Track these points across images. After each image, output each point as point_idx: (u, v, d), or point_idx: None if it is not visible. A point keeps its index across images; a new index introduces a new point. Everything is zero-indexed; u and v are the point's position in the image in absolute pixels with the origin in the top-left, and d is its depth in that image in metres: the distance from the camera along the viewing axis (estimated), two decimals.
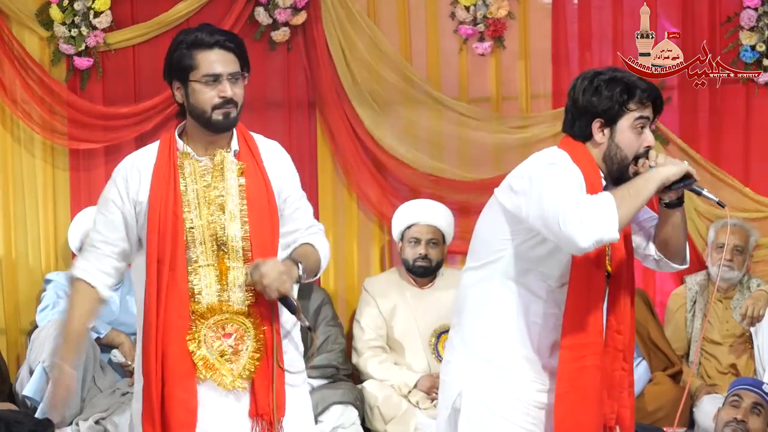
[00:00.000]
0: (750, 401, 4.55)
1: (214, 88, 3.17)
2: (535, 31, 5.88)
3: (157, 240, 3.17)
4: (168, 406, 3.16)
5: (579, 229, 2.96)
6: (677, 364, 5.46)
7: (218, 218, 3.21)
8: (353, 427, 5.23)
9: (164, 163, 3.20)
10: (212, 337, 3.19)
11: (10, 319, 5.67)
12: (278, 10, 5.69)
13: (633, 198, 3.05)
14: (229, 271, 3.21)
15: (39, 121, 5.65)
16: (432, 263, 5.51)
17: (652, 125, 3.23)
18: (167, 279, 3.16)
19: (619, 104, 3.18)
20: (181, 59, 3.20)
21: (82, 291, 3.30)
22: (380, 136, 5.83)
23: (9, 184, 5.66)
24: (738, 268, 5.47)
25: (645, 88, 3.20)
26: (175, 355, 3.16)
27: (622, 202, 3.01)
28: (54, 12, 5.59)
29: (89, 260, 3.31)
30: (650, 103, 3.20)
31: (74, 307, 3.32)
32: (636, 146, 3.19)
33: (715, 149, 5.83)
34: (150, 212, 3.18)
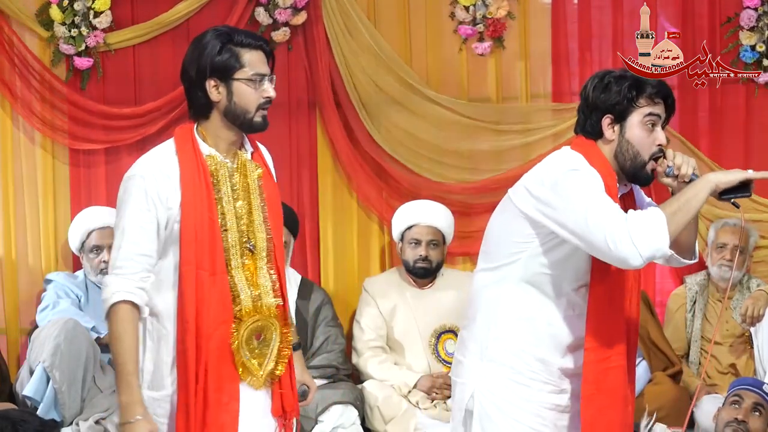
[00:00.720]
0: (751, 401, 4.54)
1: (257, 89, 3.14)
2: (535, 31, 5.88)
3: (194, 245, 3.08)
4: (210, 413, 3.09)
5: (631, 249, 2.97)
6: (677, 364, 5.46)
7: (247, 220, 3.19)
8: (353, 427, 5.23)
9: (192, 166, 3.12)
10: (248, 340, 3.17)
11: (10, 319, 5.66)
12: (278, 11, 5.69)
13: (683, 212, 3.06)
14: (259, 273, 3.19)
15: (39, 117, 5.64)
16: (432, 264, 5.51)
17: (664, 124, 3.23)
18: (208, 284, 3.10)
19: (627, 99, 3.18)
20: (227, 57, 3.12)
21: (127, 320, 3.07)
22: (380, 136, 5.83)
23: (9, 184, 5.66)
24: (738, 268, 5.48)
25: (655, 85, 3.20)
26: (219, 360, 3.11)
27: (673, 217, 3.02)
28: (54, 12, 5.59)
29: (126, 278, 3.08)
30: (661, 100, 3.20)
31: (126, 345, 3.07)
32: (648, 143, 3.19)
33: (715, 149, 5.84)
34: (184, 217, 3.08)
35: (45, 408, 5.00)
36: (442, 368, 5.42)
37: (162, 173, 3.11)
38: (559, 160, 3.24)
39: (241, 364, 3.15)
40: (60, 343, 4.98)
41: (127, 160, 5.75)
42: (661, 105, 3.21)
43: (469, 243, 5.89)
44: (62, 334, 5.00)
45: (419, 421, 5.25)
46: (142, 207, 3.08)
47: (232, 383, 3.13)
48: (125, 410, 3.05)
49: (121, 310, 3.06)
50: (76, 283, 5.44)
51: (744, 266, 5.50)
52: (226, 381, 3.12)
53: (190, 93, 3.18)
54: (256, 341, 3.18)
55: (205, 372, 3.09)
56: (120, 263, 3.09)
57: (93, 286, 5.43)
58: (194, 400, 3.09)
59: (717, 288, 5.53)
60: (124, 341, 3.07)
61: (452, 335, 5.50)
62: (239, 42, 3.14)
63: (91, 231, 5.43)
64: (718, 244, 5.49)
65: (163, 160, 3.14)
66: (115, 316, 3.07)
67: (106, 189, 5.73)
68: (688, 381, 5.43)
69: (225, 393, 3.11)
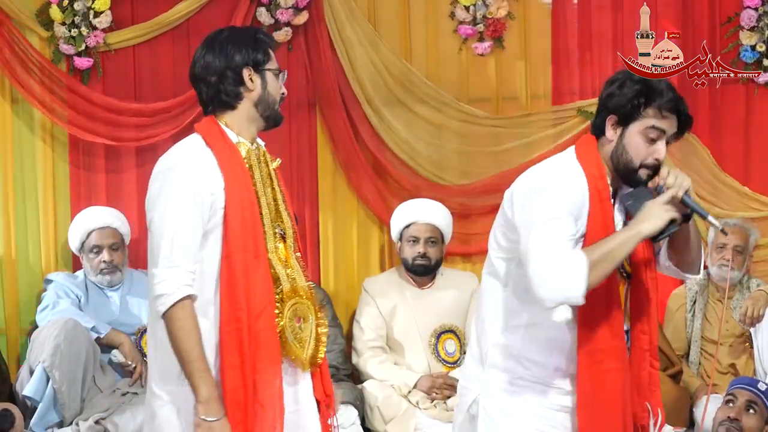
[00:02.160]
0: (744, 399, 4.54)
1: (279, 83, 3.26)
2: (534, 31, 5.88)
3: (241, 228, 3.10)
4: (259, 392, 3.10)
5: (545, 291, 3.00)
6: (677, 364, 5.46)
7: (274, 207, 3.24)
8: (353, 427, 5.23)
9: (228, 152, 3.14)
10: (291, 322, 3.20)
11: (10, 319, 5.66)
12: (280, 10, 5.69)
13: (608, 261, 3.03)
14: (290, 257, 3.24)
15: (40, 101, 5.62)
16: (431, 262, 5.52)
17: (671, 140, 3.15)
18: (252, 266, 3.11)
19: (633, 105, 3.13)
20: (261, 48, 3.22)
21: (193, 314, 3.05)
22: (382, 135, 5.83)
23: (9, 183, 5.66)
24: (738, 268, 5.48)
25: (667, 98, 3.11)
26: (267, 340, 3.12)
27: (596, 265, 3.00)
28: (54, 12, 5.59)
29: (183, 271, 3.05)
30: (670, 115, 3.12)
31: (197, 339, 3.04)
32: (643, 154, 3.13)
33: (715, 149, 5.83)
34: (229, 202, 3.09)
35: (45, 408, 5.00)
36: (442, 368, 5.42)
37: (199, 162, 3.12)
38: (545, 170, 3.22)
39: (287, 345, 3.18)
40: (60, 343, 4.98)
41: (127, 161, 5.77)
42: (670, 120, 3.12)
43: (468, 244, 5.89)
44: (62, 334, 5.00)
45: (419, 421, 5.25)
46: (186, 197, 3.06)
47: (276, 364, 3.14)
48: (208, 406, 3.03)
49: (187, 305, 3.04)
50: (76, 283, 5.44)
51: (744, 266, 5.50)
52: (272, 361, 3.13)
53: (218, 84, 3.19)
54: (297, 324, 3.22)
55: (255, 352, 3.09)
56: (173, 256, 3.04)
57: (93, 286, 5.43)
58: (243, 382, 3.08)
59: (717, 288, 5.53)
60: (194, 335, 3.04)
61: (452, 335, 5.50)
62: (264, 37, 3.26)
63: (91, 231, 5.43)
64: (718, 244, 5.48)
65: (196, 150, 3.15)
66: (182, 311, 3.04)
67: (106, 189, 5.74)
68: (688, 381, 5.43)
69: (270, 373, 3.12)
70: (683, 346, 5.58)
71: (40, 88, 5.60)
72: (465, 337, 5.53)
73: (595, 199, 3.14)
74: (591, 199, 3.14)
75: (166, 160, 3.15)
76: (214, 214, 3.10)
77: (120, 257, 5.44)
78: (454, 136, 5.87)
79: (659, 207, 3.06)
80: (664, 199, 3.07)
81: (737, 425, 4.50)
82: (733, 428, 4.50)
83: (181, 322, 3.04)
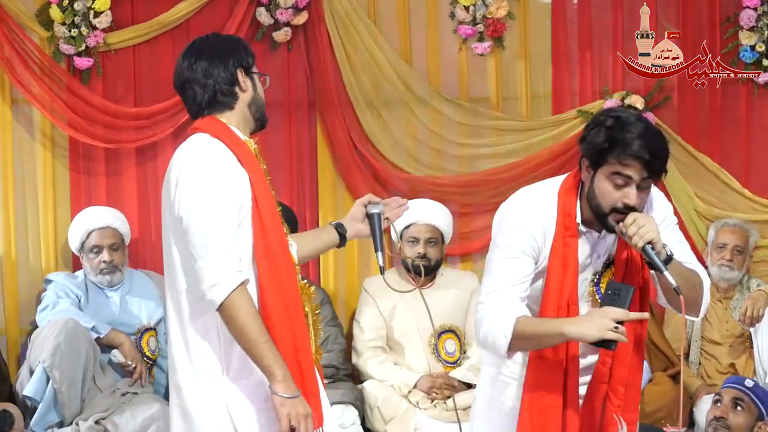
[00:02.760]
0: (729, 397, 4.54)
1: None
2: (535, 31, 5.88)
3: (272, 220, 3.13)
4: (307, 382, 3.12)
5: (478, 332, 3.15)
6: (677, 364, 5.46)
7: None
8: (353, 427, 5.23)
9: (244, 151, 3.16)
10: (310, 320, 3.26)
11: (10, 319, 5.66)
12: (279, 11, 5.69)
13: (530, 342, 3.12)
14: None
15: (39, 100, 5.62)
16: (431, 262, 5.51)
17: (644, 185, 3.07)
18: (286, 257, 3.16)
19: (597, 152, 3.08)
20: (249, 51, 3.28)
21: (252, 300, 3.06)
22: (380, 136, 5.83)
23: (9, 184, 5.66)
24: (738, 268, 5.48)
25: (629, 149, 3.02)
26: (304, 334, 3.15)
27: (521, 340, 3.08)
28: (54, 12, 5.59)
29: (234, 259, 3.05)
30: (635, 162, 3.04)
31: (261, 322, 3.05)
32: (611, 200, 3.07)
33: (715, 149, 5.83)
34: (258, 196, 3.12)
35: (45, 408, 5.00)
36: (442, 368, 5.42)
37: (226, 157, 3.12)
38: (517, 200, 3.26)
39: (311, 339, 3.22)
40: (60, 343, 4.98)
41: (127, 161, 5.77)
42: (635, 168, 3.04)
43: (467, 243, 5.89)
44: (62, 334, 5.00)
45: (419, 421, 5.25)
46: (223, 191, 3.07)
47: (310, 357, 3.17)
48: (286, 384, 3.02)
49: (245, 290, 3.03)
50: (76, 283, 5.44)
51: (744, 266, 5.51)
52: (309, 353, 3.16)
53: (215, 86, 3.20)
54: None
55: (304, 341, 3.12)
56: (224, 245, 3.03)
57: (93, 286, 5.42)
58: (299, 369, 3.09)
59: (717, 288, 5.53)
60: (258, 318, 3.03)
61: (452, 335, 5.50)
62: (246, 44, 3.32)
63: (91, 231, 5.43)
64: (718, 244, 5.49)
65: (217, 147, 3.14)
66: (242, 296, 3.02)
67: (106, 189, 5.73)
68: (688, 381, 5.42)
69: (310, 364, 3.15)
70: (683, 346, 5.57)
71: (40, 87, 5.59)
72: (465, 337, 5.53)
73: (559, 236, 3.16)
74: (556, 236, 3.16)
75: (194, 158, 3.12)
76: (244, 207, 3.11)
77: (120, 257, 5.44)
78: (454, 136, 5.87)
79: (601, 320, 2.99)
80: (615, 313, 2.99)
81: (724, 423, 4.51)
82: (720, 427, 4.51)
83: (243, 307, 3.02)
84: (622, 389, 3.21)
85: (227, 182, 3.07)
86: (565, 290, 3.17)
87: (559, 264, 3.16)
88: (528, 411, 3.19)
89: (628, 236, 3.03)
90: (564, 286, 3.17)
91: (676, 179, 5.71)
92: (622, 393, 3.22)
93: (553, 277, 3.17)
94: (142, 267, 5.67)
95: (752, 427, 4.52)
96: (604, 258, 3.23)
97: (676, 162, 5.70)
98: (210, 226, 3.04)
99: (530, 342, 3.11)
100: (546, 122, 5.85)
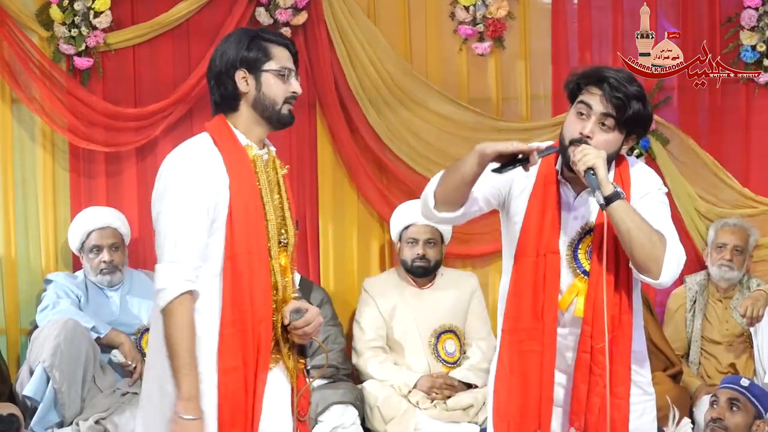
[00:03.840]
0: (725, 398, 4.55)
1: (285, 82, 3.18)
2: (535, 31, 5.88)
3: (245, 229, 3.10)
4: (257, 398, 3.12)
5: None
6: (677, 364, 5.46)
7: (280, 214, 3.23)
8: (353, 427, 5.23)
9: (235, 153, 3.14)
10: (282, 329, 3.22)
11: (10, 319, 5.66)
12: (279, 11, 5.69)
13: (449, 173, 3.19)
14: (288, 267, 3.24)
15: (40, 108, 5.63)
16: (430, 263, 5.51)
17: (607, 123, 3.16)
18: (257, 269, 3.12)
19: (574, 82, 3.24)
20: (256, 49, 3.17)
21: (189, 310, 3.03)
22: (380, 136, 5.83)
23: (9, 184, 5.66)
24: (738, 268, 5.48)
25: (593, 74, 3.19)
26: (267, 347, 3.13)
27: (444, 178, 3.20)
28: (54, 12, 5.59)
29: (184, 266, 3.04)
30: (600, 92, 3.16)
31: (190, 335, 3.03)
32: (571, 130, 3.19)
33: (715, 149, 5.83)
34: (234, 202, 3.09)
35: (45, 408, 5.00)
36: (442, 368, 5.42)
37: (206, 160, 3.11)
38: None
39: (279, 352, 3.19)
40: (60, 343, 4.98)
41: (127, 161, 5.77)
42: (597, 97, 3.17)
43: (468, 245, 5.89)
44: (62, 334, 5.00)
45: (419, 421, 5.24)
46: (191, 194, 3.06)
47: (266, 370, 3.15)
48: (188, 404, 3.01)
49: (186, 300, 3.02)
50: (76, 283, 5.44)
51: (744, 266, 5.51)
52: (265, 368, 3.14)
53: (217, 85, 3.19)
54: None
55: (257, 356, 3.10)
56: (177, 252, 3.03)
57: (93, 286, 5.43)
58: (245, 385, 3.09)
59: (717, 288, 5.53)
60: (188, 332, 3.02)
61: (452, 335, 5.50)
62: (267, 37, 3.20)
63: (90, 231, 5.43)
64: (718, 244, 5.49)
65: (202, 149, 3.14)
66: (181, 306, 3.02)
67: (106, 189, 5.73)
68: (688, 381, 5.43)
69: (263, 379, 3.13)
70: (683, 346, 5.58)
71: (39, 90, 5.59)
72: (465, 337, 5.53)
73: (539, 182, 3.26)
74: (536, 182, 3.26)
75: (172, 158, 3.14)
76: (219, 214, 3.09)
77: (120, 257, 5.44)
78: (454, 136, 5.87)
79: (508, 140, 3.08)
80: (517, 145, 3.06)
81: (721, 424, 4.52)
82: (717, 428, 4.52)
83: (178, 317, 3.02)
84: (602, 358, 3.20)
85: (196, 187, 3.05)
86: (544, 235, 3.22)
87: (539, 205, 3.22)
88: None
89: (573, 162, 3.12)
90: (543, 231, 3.22)
91: (677, 179, 5.70)
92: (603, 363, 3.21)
93: (531, 219, 3.23)
94: (142, 267, 5.67)
95: (750, 426, 4.53)
96: (580, 223, 3.26)
97: (676, 162, 5.70)
98: (169, 231, 3.05)
99: (452, 175, 3.16)
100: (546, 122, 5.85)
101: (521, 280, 3.25)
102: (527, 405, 3.24)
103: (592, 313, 3.21)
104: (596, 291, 3.21)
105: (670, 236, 3.17)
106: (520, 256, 3.26)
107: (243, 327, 3.08)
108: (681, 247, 3.18)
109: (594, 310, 3.21)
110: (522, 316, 3.24)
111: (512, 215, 3.32)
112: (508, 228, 3.35)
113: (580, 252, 3.25)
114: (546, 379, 3.24)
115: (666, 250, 3.12)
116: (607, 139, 3.17)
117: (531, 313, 3.24)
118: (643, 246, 3.11)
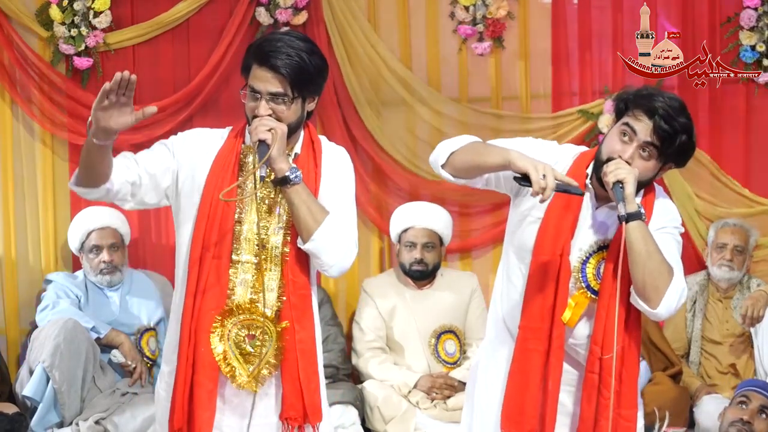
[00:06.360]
0: (758, 403, 4.52)
1: (254, 101, 3.14)
2: (534, 31, 5.88)
3: (205, 225, 3.13)
4: (195, 393, 3.15)
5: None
6: (677, 364, 5.46)
7: (265, 219, 3.18)
8: (353, 427, 5.23)
9: (228, 151, 3.19)
10: (237, 335, 3.18)
11: (10, 319, 5.67)
12: (279, 11, 5.69)
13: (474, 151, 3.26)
14: (266, 273, 3.18)
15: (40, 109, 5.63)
16: (428, 267, 5.51)
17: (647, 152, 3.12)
18: (208, 267, 3.14)
19: (623, 100, 3.19)
20: (244, 65, 3.19)
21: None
22: (379, 137, 5.83)
23: (9, 183, 5.66)
24: (738, 268, 5.48)
25: (644, 100, 3.12)
26: (206, 344, 3.15)
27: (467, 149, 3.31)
28: (54, 12, 5.59)
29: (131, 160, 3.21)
30: (647, 120, 3.10)
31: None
32: (610, 149, 3.14)
33: (715, 149, 5.83)
34: (204, 195, 3.14)
35: (45, 408, 5.00)
36: (442, 368, 5.42)
37: (205, 141, 3.22)
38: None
39: (222, 356, 3.17)
40: (60, 343, 4.98)
41: None
42: (644, 124, 3.11)
43: (468, 242, 5.89)
44: (62, 334, 5.00)
45: (419, 421, 5.25)
46: (167, 145, 3.22)
47: (214, 369, 3.17)
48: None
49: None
50: (76, 283, 5.44)
51: (744, 266, 5.51)
52: (209, 366, 3.16)
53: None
54: (249, 341, 3.19)
55: (194, 353, 3.15)
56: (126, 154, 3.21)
57: (93, 286, 5.43)
58: (184, 378, 3.15)
59: (717, 288, 5.53)
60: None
61: (452, 335, 5.50)
62: (254, 53, 3.16)
63: (90, 231, 5.43)
64: (718, 244, 5.49)
65: (212, 136, 3.25)
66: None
67: None
68: (688, 381, 5.43)
69: (207, 377, 3.15)
70: (683, 346, 5.58)
71: (39, 94, 5.60)
72: (465, 338, 5.53)
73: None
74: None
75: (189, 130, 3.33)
76: (191, 193, 3.17)
77: (120, 257, 5.44)
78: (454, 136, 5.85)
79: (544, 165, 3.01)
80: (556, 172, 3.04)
81: (749, 428, 4.47)
82: (744, 430, 4.47)
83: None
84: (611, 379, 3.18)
85: (173, 147, 3.21)
86: (561, 235, 3.19)
87: (561, 204, 3.19)
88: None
89: (605, 173, 3.10)
90: (561, 231, 3.20)
91: (676, 179, 5.70)
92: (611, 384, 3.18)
93: (551, 216, 3.20)
94: (142, 267, 5.67)
95: None
96: (596, 237, 3.23)
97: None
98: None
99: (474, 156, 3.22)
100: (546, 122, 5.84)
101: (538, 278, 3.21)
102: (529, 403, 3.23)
103: (602, 333, 3.18)
104: (608, 311, 3.17)
105: (677, 270, 3.16)
106: (538, 254, 3.22)
107: (182, 323, 3.17)
108: (685, 285, 3.18)
109: (605, 330, 3.17)
110: (531, 314, 3.23)
111: (524, 210, 3.29)
112: (518, 223, 3.31)
113: (588, 266, 3.23)
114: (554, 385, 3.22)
115: (671, 283, 3.12)
116: (645, 166, 3.15)
117: (539, 313, 3.22)
118: (651, 272, 3.09)
